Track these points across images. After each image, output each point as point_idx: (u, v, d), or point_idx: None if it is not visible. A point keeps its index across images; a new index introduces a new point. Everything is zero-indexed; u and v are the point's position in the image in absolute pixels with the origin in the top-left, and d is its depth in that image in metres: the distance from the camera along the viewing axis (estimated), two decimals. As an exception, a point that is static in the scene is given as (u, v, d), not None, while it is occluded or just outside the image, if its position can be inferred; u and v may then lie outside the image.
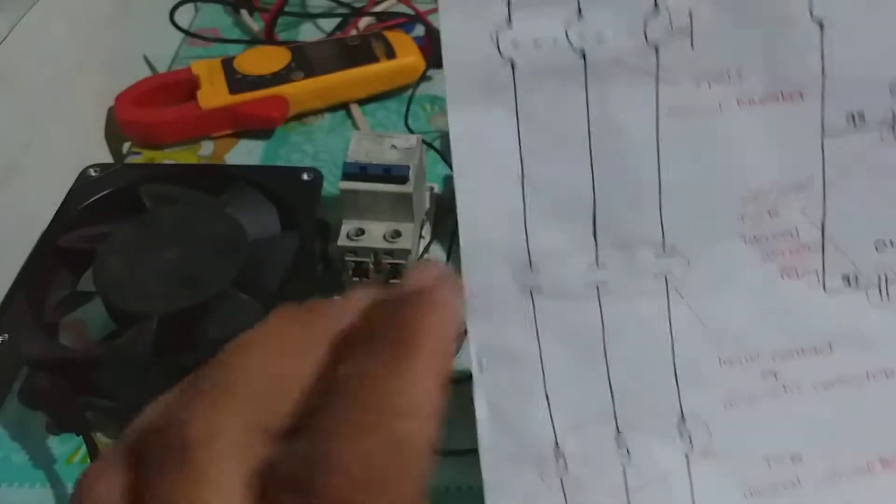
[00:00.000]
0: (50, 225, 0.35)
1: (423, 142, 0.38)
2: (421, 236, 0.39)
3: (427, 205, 0.42)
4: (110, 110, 0.50)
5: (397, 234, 0.36)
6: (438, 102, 0.51)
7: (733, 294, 0.20)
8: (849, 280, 0.20)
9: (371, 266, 0.37)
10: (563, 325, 0.19)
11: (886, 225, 0.20)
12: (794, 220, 0.20)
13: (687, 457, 0.20)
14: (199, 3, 0.62)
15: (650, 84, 0.19)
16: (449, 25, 0.18)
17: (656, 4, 0.18)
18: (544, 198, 0.18)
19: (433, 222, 0.41)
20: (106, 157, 0.50)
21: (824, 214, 0.20)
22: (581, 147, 0.18)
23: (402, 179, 0.36)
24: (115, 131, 0.50)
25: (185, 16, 0.57)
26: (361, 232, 0.36)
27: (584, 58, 0.18)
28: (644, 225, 0.19)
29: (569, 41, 0.18)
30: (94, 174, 0.38)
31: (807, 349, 0.20)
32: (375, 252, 0.36)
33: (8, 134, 0.40)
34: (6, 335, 0.30)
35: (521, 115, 0.18)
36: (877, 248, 0.20)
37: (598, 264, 0.19)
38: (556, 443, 0.19)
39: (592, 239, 0.19)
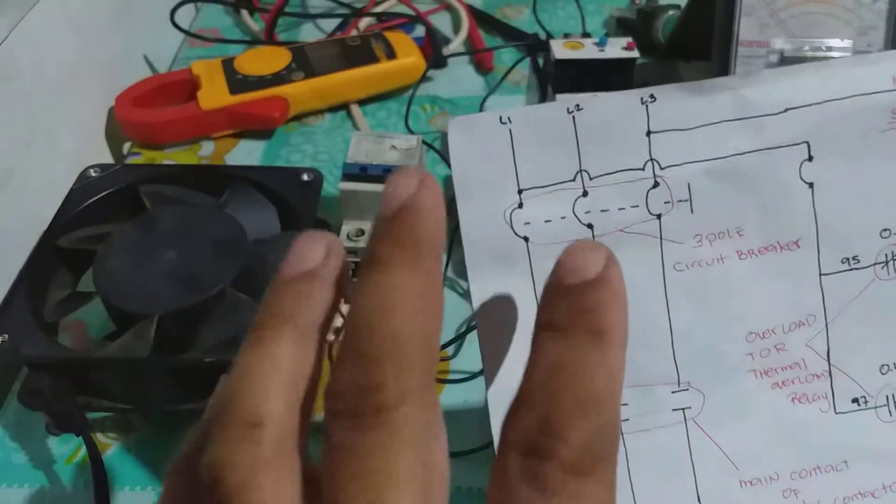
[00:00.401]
0: (50, 225, 0.35)
1: (424, 142, 0.38)
2: (421, 237, 0.39)
3: (427, 205, 0.42)
4: (111, 110, 0.50)
5: (397, 234, 0.36)
6: (439, 103, 0.51)
7: (748, 422, 0.21)
8: (858, 402, 0.22)
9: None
10: None
11: (888, 350, 0.21)
12: (800, 353, 0.21)
13: None
14: (199, 4, 0.62)
15: (655, 245, 0.20)
16: (466, 208, 0.19)
17: (656, 182, 0.20)
18: None
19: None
20: (106, 158, 0.50)
21: (829, 345, 0.21)
22: None
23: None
24: (115, 131, 0.50)
25: (185, 16, 0.57)
26: (361, 232, 0.36)
27: (592, 228, 0.20)
28: (659, 365, 0.21)
29: (576, 216, 0.20)
30: (94, 174, 0.38)
31: (824, 467, 0.21)
32: (375, 252, 0.36)
33: (8, 134, 0.40)
34: (6, 335, 0.30)
35: (537, 278, 0.20)
36: (881, 371, 0.22)
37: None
38: None
39: None
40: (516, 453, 0.14)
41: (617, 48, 0.45)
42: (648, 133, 0.19)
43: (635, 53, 0.44)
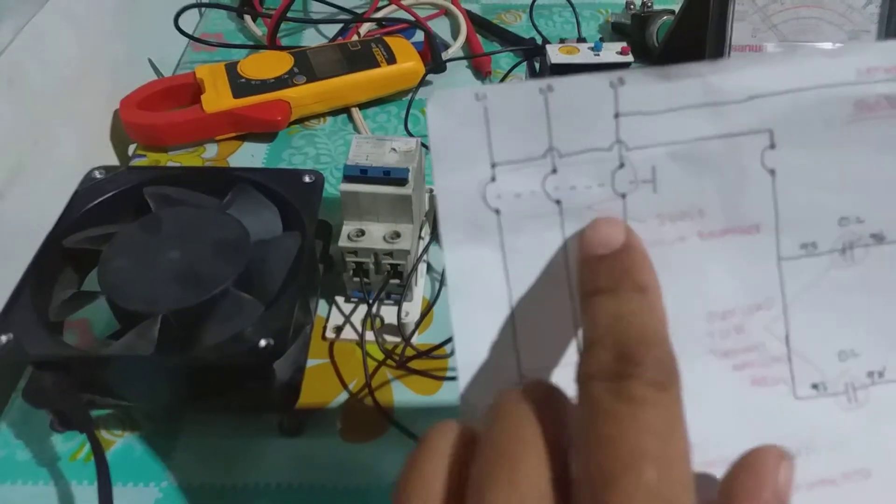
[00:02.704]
0: (55, 225, 0.36)
1: (423, 145, 0.39)
2: (420, 237, 0.40)
3: (426, 206, 0.42)
4: (115, 113, 0.50)
5: (397, 235, 0.37)
6: (439, 106, 0.52)
7: (709, 404, 0.21)
8: (817, 388, 0.22)
9: (371, 266, 0.37)
10: None
11: (846, 336, 0.22)
12: (759, 336, 0.21)
13: None
14: (203, 9, 0.62)
15: None
16: (441, 180, 0.20)
17: (621, 163, 0.20)
18: (530, 320, 0.20)
19: (432, 223, 0.42)
20: (111, 160, 0.50)
21: (787, 330, 0.21)
22: (560, 277, 0.21)
23: (402, 182, 0.36)
24: (120, 134, 0.50)
25: (189, 21, 0.58)
26: (362, 233, 0.37)
27: (560, 204, 0.20)
28: None
29: (545, 192, 0.20)
30: (99, 176, 0.38)
31: None
32: (375, 253, 0.36)
33: (15, 136, 0.40)
34: (11, 334, 0.31)
35: (507, 251, 0.20)
36: (840, 358, 0.22)
37: None
38: None
39: (577, 356, 0.20)
40: (598, 381, 0.16)
41: (612, 53, 0.45)
42: (616, 115, 0.20)
43: (630, 58, 0.45)
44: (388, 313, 0.38)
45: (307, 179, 0.38)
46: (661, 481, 0.15)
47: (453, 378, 0.34)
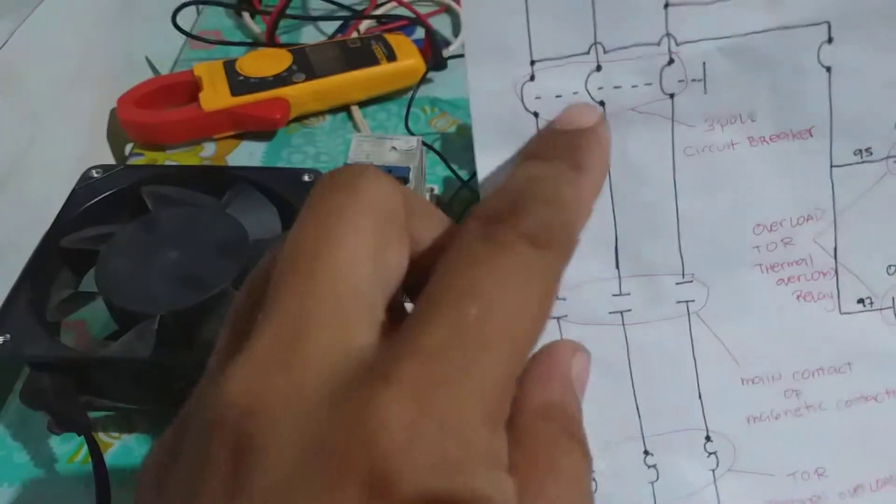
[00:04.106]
0: (52, 225, 0.36)
1: (423, 143, 0.39)
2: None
3: (427, 206, 0.42)
4: (113, 112, 0.50)
5: (397, 235, 0.36)
6: (438, 104, 0.51)
7: (752, 318, 0.21)
8: (863, 302, 0.21)
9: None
10: (589, 348, 0.19)
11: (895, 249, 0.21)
12: (807, 248, 0.21)
13: (713, 473, 0.20)
14: (201, 6, 0.62)
15: (666, 127, 0.20)
16: (475, 79, 0.19)
17: (671, 59, 0.19)
18: None
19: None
20: (108, 159, 0.50)
21: (836, 242, 0.21)
22: (603, 189, 0.20)
23: (402, 181, 0.36)
24: (117, 133, 0.50)
25: (187, 18, 0.57)
26: (362, 233, 0.37)
27: (604, 106, 0.19)
28: (664, 255, 0.20)
29: (588, 93, 0.19)
30: (96, 175, 0.38)
31: (827, 368, 0.21)
32: (376, 253, 0.36)
33: (11, 135, 0.40)
34: (8, 335, 0.30)
35: None
36: (888, 272, 0.21)
37: (621, 292, 0.20)
38: None
39: (615, 269, 0.20)
40: (478, 220, 0.15)
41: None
42: (666, 6, 0.19)
43: None
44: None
45: (306, 178, 0.38)
46: (478, 324, 0.13)
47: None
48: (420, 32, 0.55)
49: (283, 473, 0.12)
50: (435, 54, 0.53)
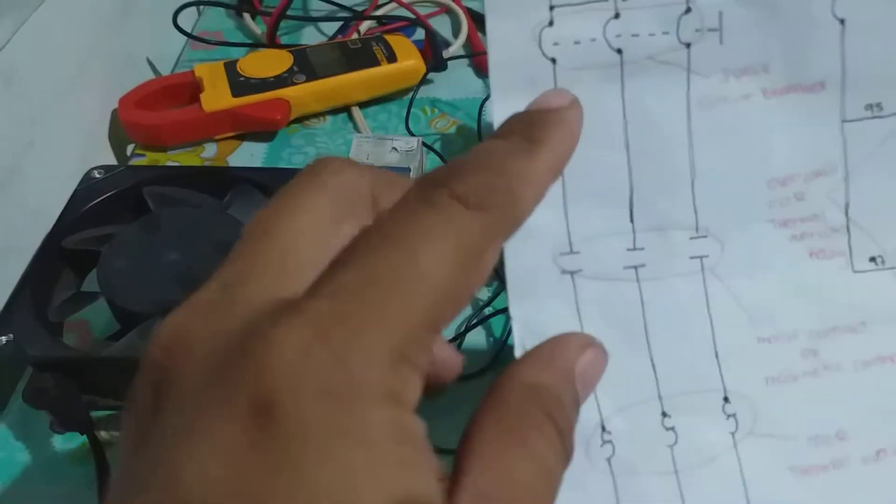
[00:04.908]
0: (54, 226, 0.36)
1: (424, 144, 0.39)
2: (421, 238, 0.40)
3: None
4: (114, 112, 0.50)
5: (398, 235, 0.36)
6: (439, 105, 0.52)
7: (766, 275, 0.20)
8: (875, 261, 0.21)
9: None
10: (604, 306, 0.19)
11: None
12: (820, 204, 0.20)
13: (734, 436, 0.20)
14: (202, 7, 0.62)
15: (682, 77, 0.20)
16: (494, 25, 0.19)
17: (688, 7, 0.19)
18: (583, 184, 0.19)
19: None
20: (110, 159, 0.50)
21: (848, 198, 0.20)
22: (617, 136, 0.19)
23: (403, 181, 0.36)
24: (118, 133, 0.50)
25: (188, 19, 0.57)
26: (363, 233, 0.37)
27: (621, 54, 0.19)
28: (678, 209, 0.20)
29: (606, 40, 0.19)
30: (98, 176, 0.38)
31: (842, 327, 0.21)
32: (376, 253, 0.36)
33: (13, 136, 0.40)
34: (11, 335, 0.31)
35: None
36: None
37: (635, 247, 0.20)
38: (602, 424, 0.19)
39: (630, 223, 0.20)
40: (418, 184, 0.15)
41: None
42: None
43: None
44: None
45: (307, 179, 0.38)
46: (392, 268, 0.13)
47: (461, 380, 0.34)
48: (420, 33, 0.55)
49: (188, 397, 0.13)
50: (435, 55, 0.53)
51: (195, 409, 0.12)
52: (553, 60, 0.19)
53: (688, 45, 0.19)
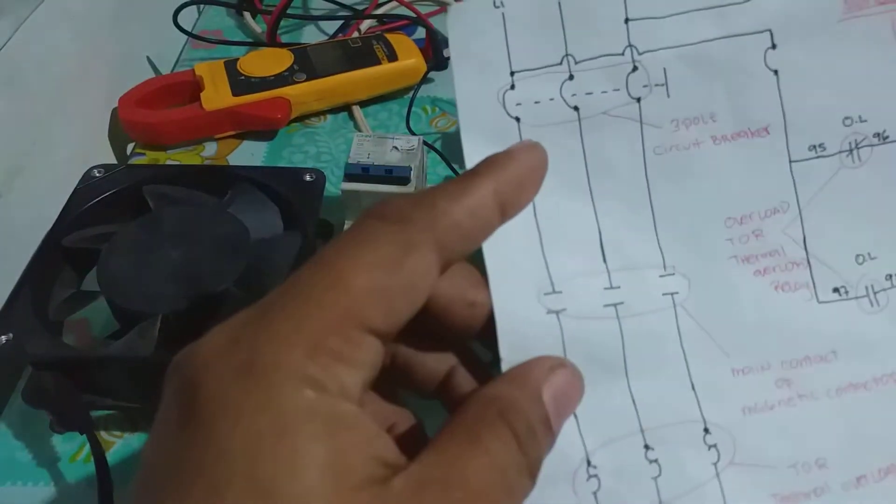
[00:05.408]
0: (54, 225, 0.36)
1: (425, 143, 0.39)
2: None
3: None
4: (114, 111, 0.50)
5: (399, 234, 0.36)
6: (439, 104, 0.52)
7: (735, 308, 0.21)
8: (839, 291, 0.22)
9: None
10: (586, 345, 0.20)
11: (861, 240, 0.22)
12: (778, 239, 0.22)
13: (716, 466, 0.21)
14: (202, 6, 0.62)
15: (636, 129, 0.21)
16: (462, 90, 0.21)
17: (635, 66, 0.21)
18: (555, 229, 0.21)
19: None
20: (110, 158, 0.50)
21: (804, 233, 0.22)
22: (581, 184, 0.21)
23: (404, 180, 0.36)
24: (118, 132, 0.50)
25: (188, 18, 0.57)
26: (363, 232, 0.36)
27: (578, 111, 0.21)
28: (645, 249, 0.21)
29: (563, 99, 0.21)
30: (98, 175, 0.38)
31: (813, 357, 0.21)
32: (377, 252, 0.36)
33: (13, 135, 0.40)
34: (10, 334, 0.30)
35: None
36: (857, 261, 0.22)
37: (612, 285, 0.21)
38: (588, 459, 0.20)
39: (603, 263, 0.21)
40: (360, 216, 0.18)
41: None
42: (626, 21, 0.21)
43: None
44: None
45: (308, 178, 0.38)
46: (310, 273, 0.16)
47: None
48: (421, 32, 0.55)
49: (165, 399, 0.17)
50: (436, 54, 0.53)
51: (162, 404, 0.16)
52: (517, 119, 0.21)
53: (638, 100, 0.21)
